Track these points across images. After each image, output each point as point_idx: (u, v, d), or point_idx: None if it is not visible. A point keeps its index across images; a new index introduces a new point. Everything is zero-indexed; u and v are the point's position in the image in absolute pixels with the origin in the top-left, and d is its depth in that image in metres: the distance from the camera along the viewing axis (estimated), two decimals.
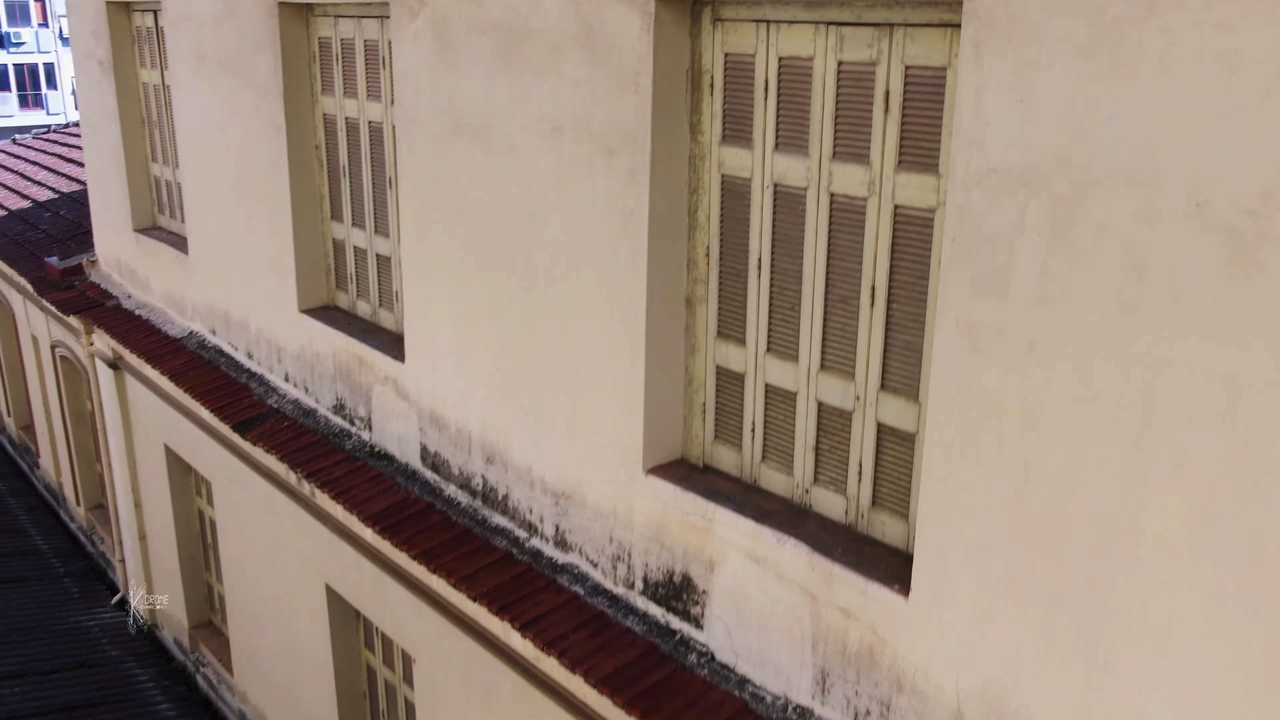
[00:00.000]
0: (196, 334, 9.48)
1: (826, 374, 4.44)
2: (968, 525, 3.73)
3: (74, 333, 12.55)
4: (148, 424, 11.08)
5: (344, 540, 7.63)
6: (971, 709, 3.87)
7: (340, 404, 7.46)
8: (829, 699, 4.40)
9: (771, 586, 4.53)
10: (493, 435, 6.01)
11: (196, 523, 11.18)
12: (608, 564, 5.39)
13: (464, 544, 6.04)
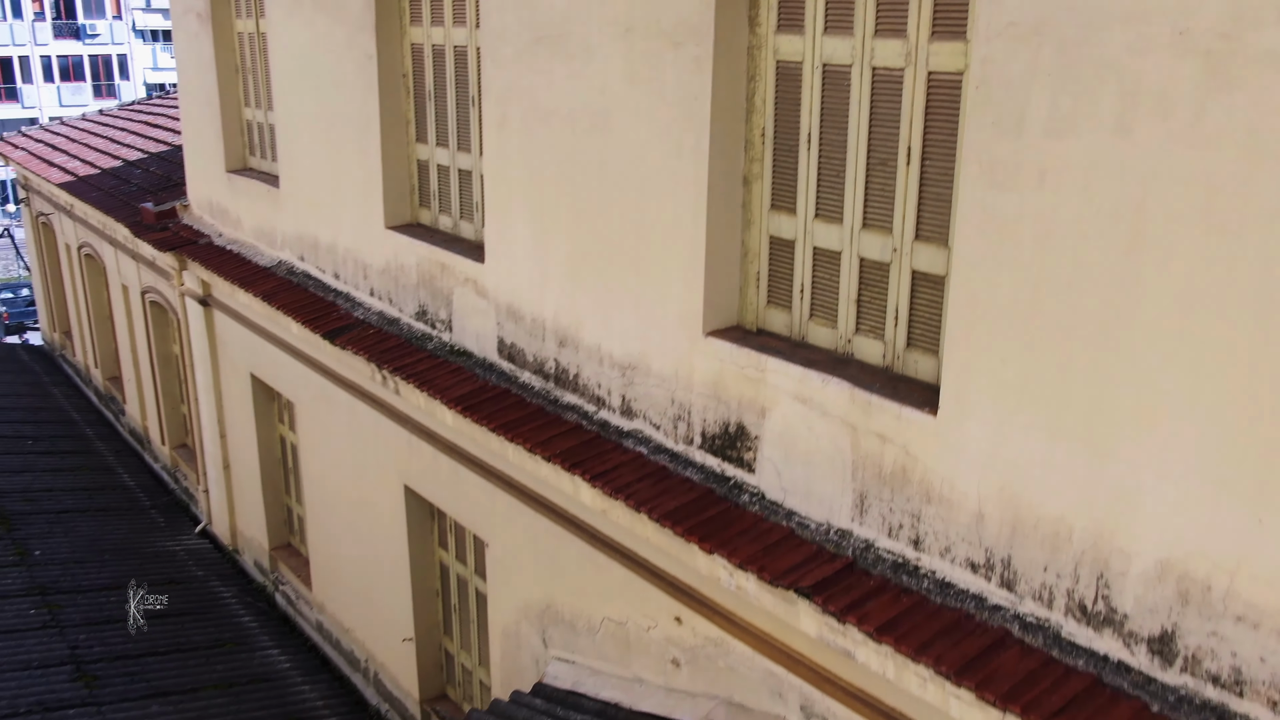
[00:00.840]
0: (285, 262, 10.23)
1: (867, 231, 5.02)
2: (987, 343, 4.30)
3: (164, 276, 13.41)
4: (234, 356, 11.89)
5: (423, 439, 8.32)
6: (991, 508, 4.43)
7: (422, 310, 8.15)
8: (866, 519, 4.98)
9: (816, 423, 5.11)
10: (565, 320, 6.65)
11: (278, 449, 11.96)
12: (669, 424, 6.00)
13: (538, 419, 6.68)
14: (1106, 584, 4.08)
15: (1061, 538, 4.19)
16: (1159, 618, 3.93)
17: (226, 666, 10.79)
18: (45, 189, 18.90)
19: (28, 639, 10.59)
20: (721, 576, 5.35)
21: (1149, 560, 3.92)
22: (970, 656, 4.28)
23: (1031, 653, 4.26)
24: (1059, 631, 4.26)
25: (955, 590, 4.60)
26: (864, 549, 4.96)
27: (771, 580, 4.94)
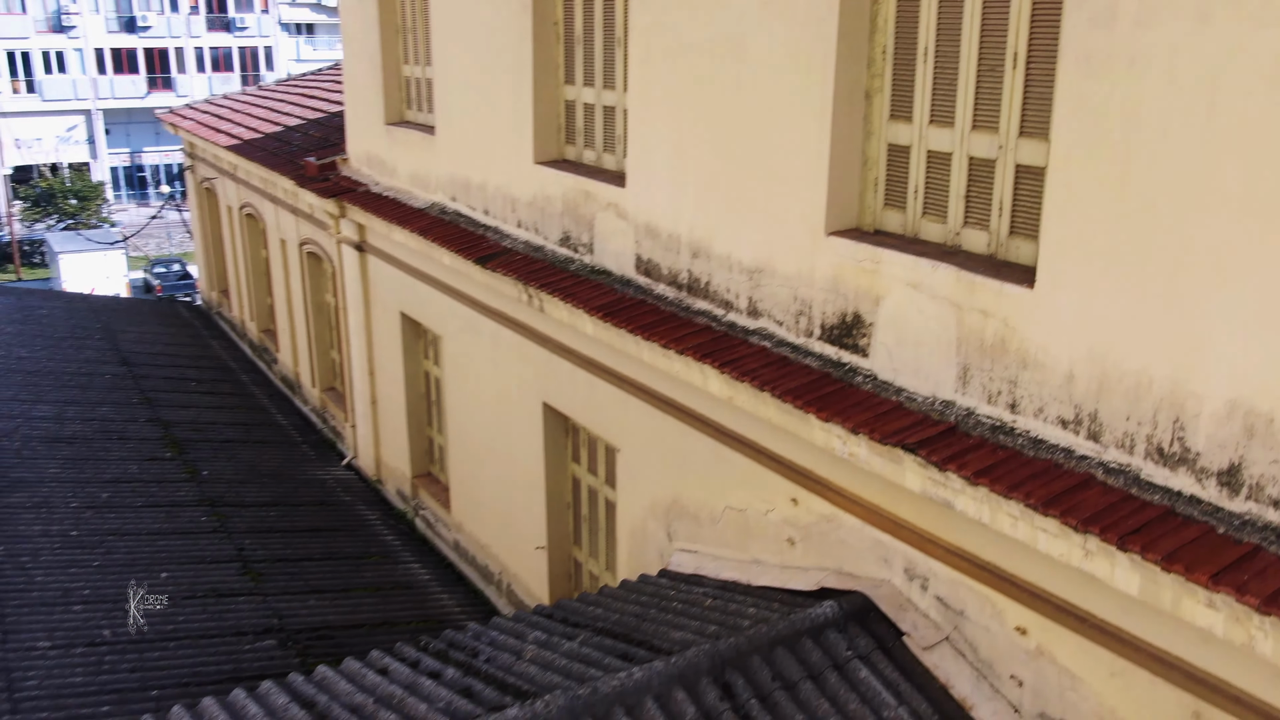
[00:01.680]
0: (438, 203, 11.19)
1: (976, 132, 5.61)
2: (1080, 219, 4.86)
3: (322, 227, 14.58)
4: (385, 297, 12.93)
5: (562, 356, 9.14)
6: (1080, 369, 4.99)
7: (566, 236, 8.96)
8: (968, 389, 5.57)
9: (926, 306, 5.72)
10: (699, 233, 7.37)
11: (423, 383, 12.97)
12: (791, 320, 6.67)
13: (671, 322, 7.41)
14: (1181, 426, 4.61)
15: (1142, 388, 4.73)
16: (1227, 453, 4.46)
17: (373, 574, 11.83)
18: (209, 155, 20.46)
19: (200, 539, 11.80)
20: (835, 445, 6.00)
21: (1219, 401, 4.45)
22: (1057, 493, 4.85)
23: (1112, 491, 4.81)
24: (1138, 474, 4.80)
25: (1046, 445, 5.17)
26: (965, 415, 5.56)
27: (880, 440, 5.57)
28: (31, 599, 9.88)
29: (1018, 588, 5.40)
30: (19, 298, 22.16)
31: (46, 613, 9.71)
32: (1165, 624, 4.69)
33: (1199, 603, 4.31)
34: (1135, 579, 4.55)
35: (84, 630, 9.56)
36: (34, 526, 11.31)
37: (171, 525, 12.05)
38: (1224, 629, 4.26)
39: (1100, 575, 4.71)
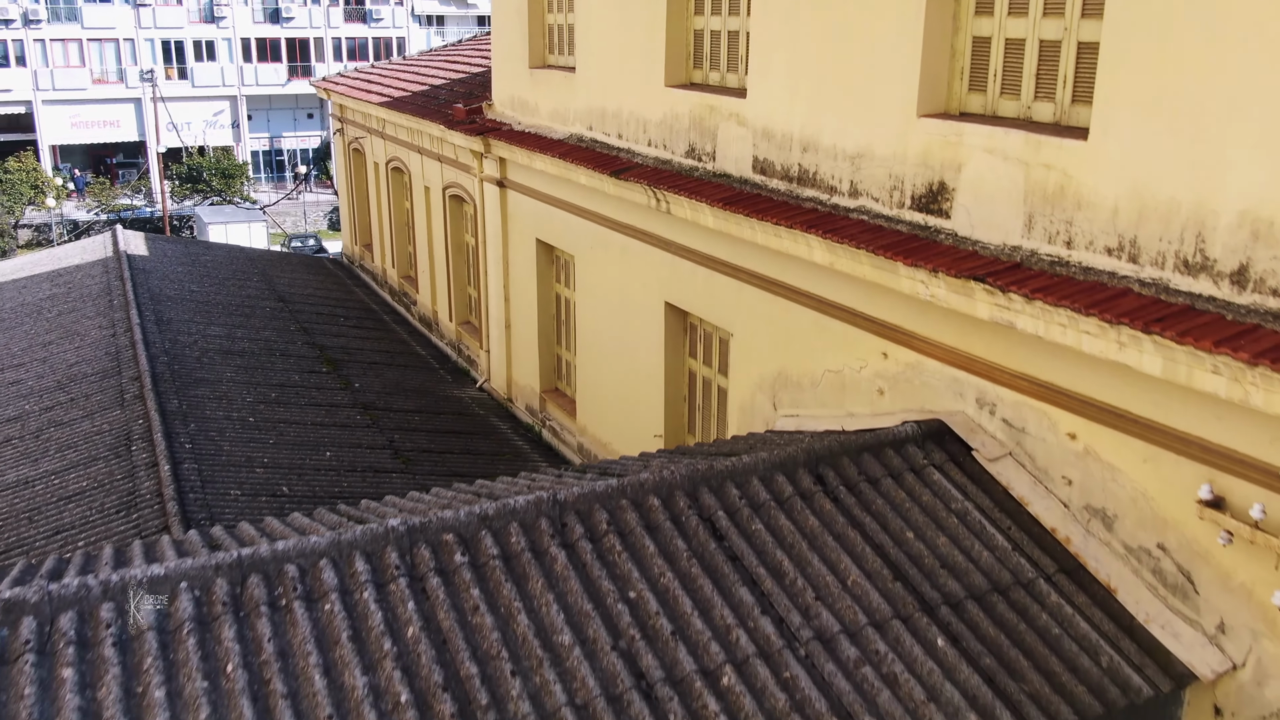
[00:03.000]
0: (575, 134, 12.54)
1: (1046, 18, 6.66)
2: (1126, 78, 5.89)
3: (465, 170, 16.10)
4: (523, 227, 14.35)
5: (683, 257, 10.36)
6: (1124, 204, 6.02)
7: (691, 148, 10.20)
8: (1032, 234, 6.62)
9: (999, 166, 6.79)
10: (809, 130, 8.52)
11: (554, 305, 14.35)
12: (885, 195, 7.78)
13: (782, 208, 8.58)
14: (1202, 239, 5.61)
15: (1173, 212, 5.75)
16: (1237, 256, 5.45)
17: (508, 468, 13.22)
18: (358, 117, 22.29)
19: (357, 431, 13.37)
20: (920, 290, 7.10)
21: (1232, 214, 5.45)
22: (1098, 300, 5.89)
23: (1144, 298, 5.84)
24: (1167, 284, 5.82)
25: (1094, 271, 6.21)
26: (1029, 255, 6.62)
27: (955, 275, 6.67)
28: (222, 461, 11.52)
29: (1069, 398, 6.44)
30: (185, 245, 24.38)
31: (235, 471, 11.33)
32: (1184, 404, 5.69)
33: (1206, 370, 5.32)
34: (1158, 360, 5.58)
35: (266, 485, 11.16)
36: (217, 413, 13.01)
37: (331, 420, 13.67)
38: (1226, 389, 5.27)
39: (1131, 363, 5.74)
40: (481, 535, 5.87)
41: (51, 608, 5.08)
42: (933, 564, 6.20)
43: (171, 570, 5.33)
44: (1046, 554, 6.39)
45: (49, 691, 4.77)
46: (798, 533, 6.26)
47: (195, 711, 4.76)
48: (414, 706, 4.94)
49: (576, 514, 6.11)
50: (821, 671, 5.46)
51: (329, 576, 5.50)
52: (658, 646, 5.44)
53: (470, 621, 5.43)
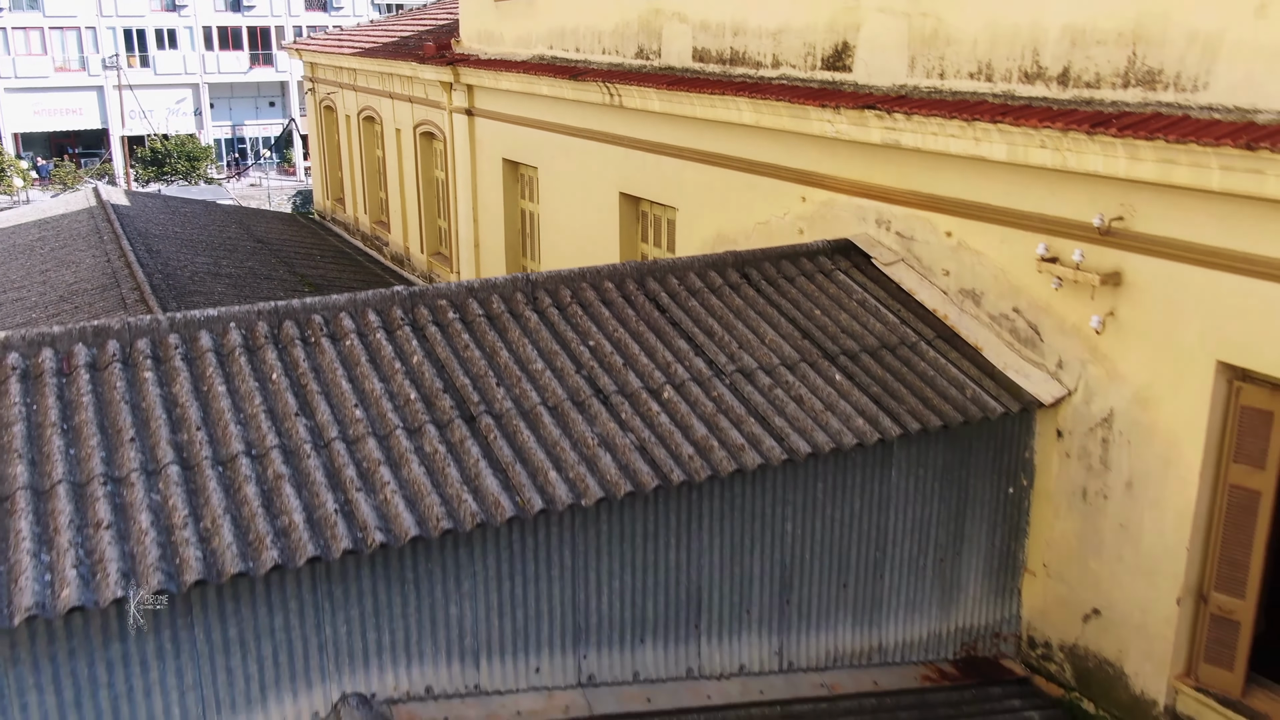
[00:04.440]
0: (538, 54, 13.94)
1: None
2: None
3: (436, 106, 17.43)
4: (489, 149, 15.72)
5: (633, 148, 11.79)
6: (981, 36, 7.51)
7: (640, 49, 11.63)
8: (914, 73, 8.10)
9: (888, 22, 8.27)
10: (739, 16, 9.97)
11: (519, 220, 15.73)
12: (800, 61, 9.25)
13: (718, 84, 10.02)
14: (1037, 53, 7.11)
15: (1016, 36, 7.24)
16: (1061, 61, 6.96)
17: None
18: (329, 75, 23.54)
19: None
20: (828, 128, 8.58)
21: (1058, 28, 6.95)
22: (960, 109, 7.38)
23: (996, 105, 7.33)
24: (1013, 93, 7.31)
25: (961, 93, 7.70)
26: (913, 89, 8.11)
27: (854, 107, 8.14)
28: None
29: (945, 203, 7.93)
30: (164, 199, 25.50)
31: None
32: (1025, 187, 7.20)
33: (1036, 145, 6.83)
34: (1004, 147, 7.08)
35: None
36: None
37: None
38: (1051, 159, 6.77)
39: (986, 154, 7.23)
40: (469, 301, 7.27)
41: (130, 334, 6.42)
42: (835, 330, 7.67)
43: (223, 313, 6.69)
44: (929, 327, 7.88)
45: (135, 387, 6.12)
46: (726, 308, 7.71)
47: (249, 398, 6.13)
48: (421, 401, 6.32)
49: (545, 290, 7.52)
50: (742, 392, 6.91)
51: (348, 323, 6.88)
52: (612, 373, 6.86)
53: (462, 355, 6.83)
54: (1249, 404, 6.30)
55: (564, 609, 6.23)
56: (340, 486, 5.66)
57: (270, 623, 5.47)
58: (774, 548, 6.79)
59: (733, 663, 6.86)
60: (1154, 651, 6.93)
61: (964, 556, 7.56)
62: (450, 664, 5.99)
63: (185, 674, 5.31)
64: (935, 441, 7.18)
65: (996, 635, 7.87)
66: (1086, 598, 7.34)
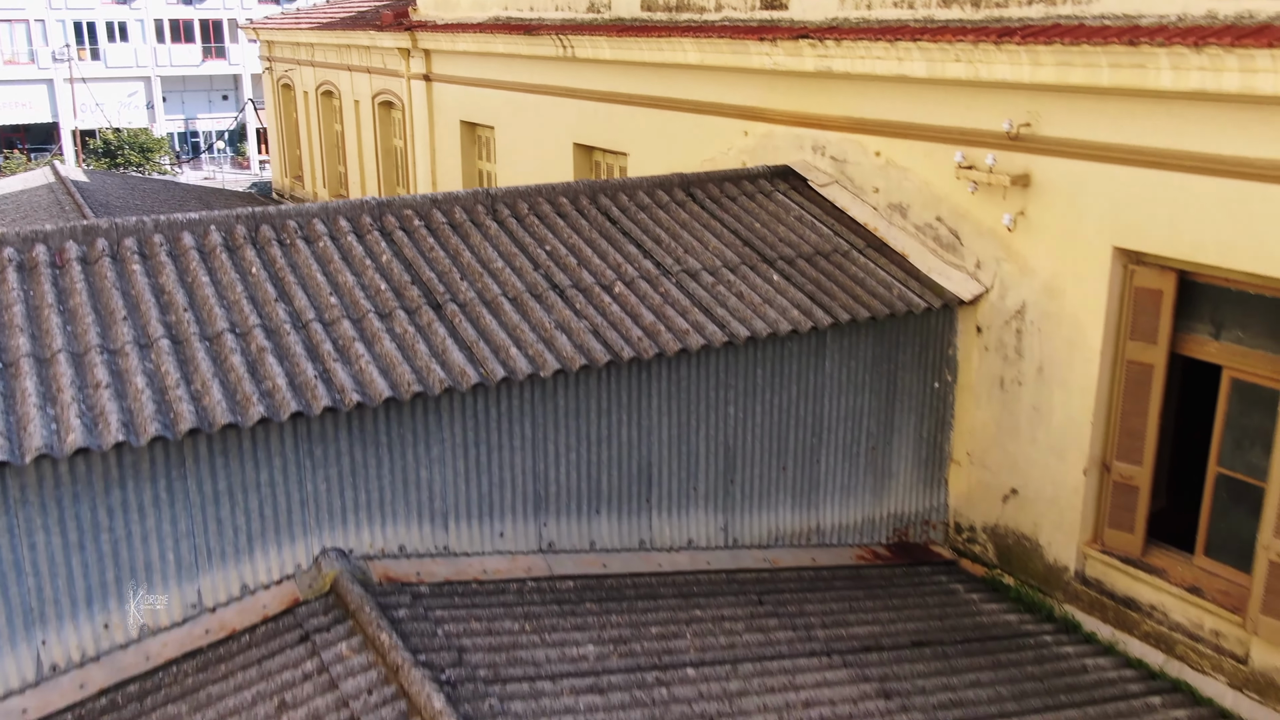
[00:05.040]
0: (493, 16, 14.47)
1: None
2: None
3: (394, 75, 17.88)
4: (447, 113, 16.21)
5: (586, 99, 12.36)
6: None
7: (591, 4, 12.21)
8: (844, 6, 8.74)
9: None
10: None
11: (477, 180, 16.24)
12: (741, 2, 9.87)
13: (664, 28, 10.62)
14: None
15: None
16: None
17: None
18: (287, 52, 23.88)
19: None
20: (766, 61, 9.20)
21: None
22: (885, 33, 8.02)
23: (917, 28, 7.98)
24: (933, 17, 7.97)
25: (886, 20, 8.35)
26: (843, 21, 8.75)
27: (789, 38, 8.77)
28: None
29: (874, 125, 8.58)
30: (122, 177, 25.72)
31: None
32: (943, 104, 7.86)
33: (951, 60, 7.49)
34: (924, 64, 7.74)
35: None
36: None
37: None
38: (964, 71, 7.43)
39: (909, 73, 7.89)
40: (433, 211, 7.81)
41: (117, 233, 6.90)
42: (773, 240, 8.29)
43: (203, 217, 7.18)
44: (860, 238, 8.52)
45: (124, 277, 6.61)
46: (673, 221, 8.31)
47: (231, 288, 6.64)
48: (390, 292, 6.86)
49: (504, 203, 8.08)
50: (687, 288, 7.51)
51: (320, 227, 7.40)
52: (568, 271, 7.44)
53: (428, 255, 7.37)
54: (1141, 285, 7.00)
55: (525, 478, 6.79)
56: (319, 358, 6.19)
57: (256, 477, 5.99)
58: (718, 430, 7.39)
59: (681, 537, 7.45)
60: (1064, 522, 7.61)
61: (894, 446, 8.21)
62: (421, 525, 6.53)
63: (179, 522, 5.82)
64: (865, 335, 7.82)
65: (926, 523, 8.53)
66: (1005, 480, 8.01)
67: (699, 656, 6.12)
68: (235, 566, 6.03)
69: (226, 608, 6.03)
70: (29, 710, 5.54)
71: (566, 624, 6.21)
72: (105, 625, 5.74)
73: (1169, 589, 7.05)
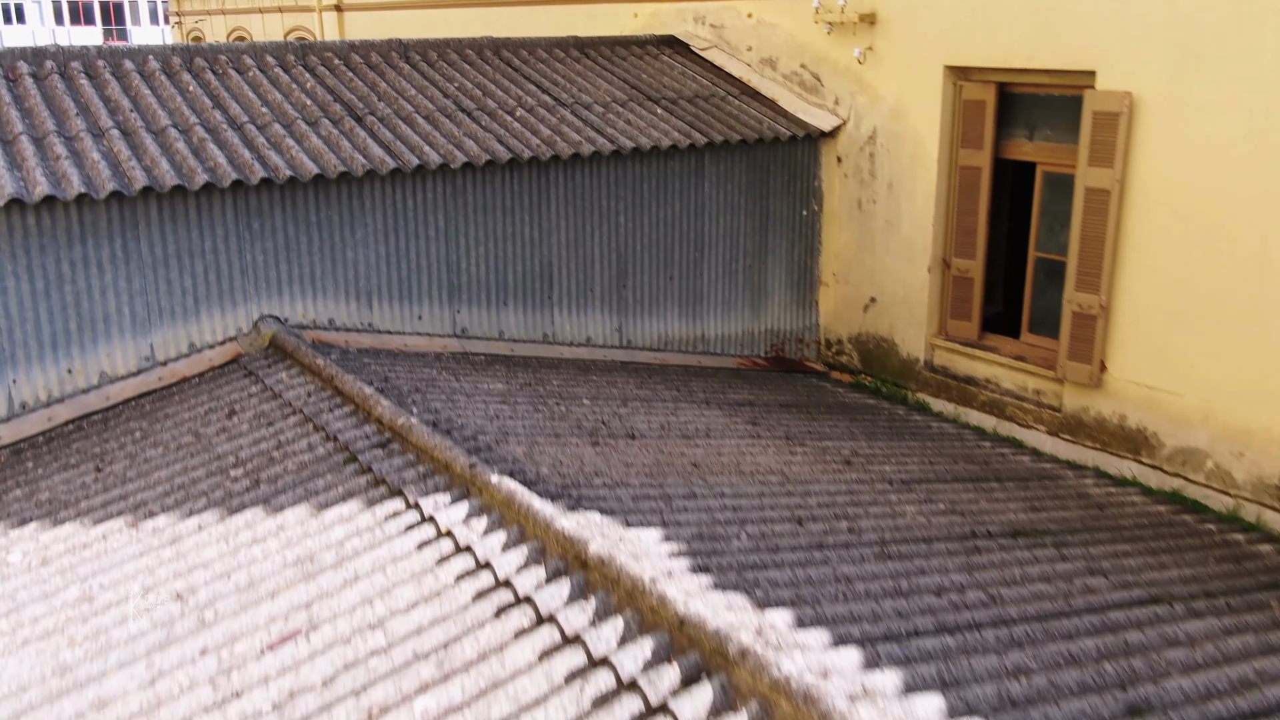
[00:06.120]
0: None
1: None
2: None
3: (305, 10, 18.55)
4: None
5: (492, 6, 13.24)
6: None
7: None
8: None
9: None
10: None
11: None
12: None
13: None
14: None
15: None
16: None
17: None
18: (196, 5, 24.29)
19: None
20: None
21: None
22: None
23: None
24: None
25: None
26: None
27: None
28: None
29: None
30: None
31: None
32: None
33: None
34: None
35: None
36: None
37: None
38: None
39: None
40: (351, 54, 8.68)
41: (64, 56, 7.65)
42: (658, 85, 9.32)
43: (141, 47, 7.96)
44: (735, 88, 9.59)
45: (74, 89, 7.37)
46: (568, 70, 9.29)
47: (171, 99, 7.45)
48: (316, 107, 7.72)
49: (415, 50, 8.98)
50: (581, 116, 8.49)
51: (249, 60, 8.22)
52: (474, 100, 8.37)
53: (349, 84, 8.24)
54: (969, 98, 8.18)
55: (440, 267, 7.71)
56: (254, 148, 7.04)
57: (202, 244, 6.82)
58: (611, 237, 8.39)
59: (581, 334, 8.44)
60: (915, 318, 8.77)
61: (769, 267, 9.29)
62: (348, 302, 7.41)
63: (134, 280, 6.62)
64: (739, 161, 8.89)
65: (800, 340, 9.64)
66: (865, 291, 9.15)
67: (593, 394, 7.11)
68: (184, 325, 6.85)
69: (176, 362, 6.85)
70: (4, 437, 6.31)
71: (479, 374, 7.15)
72: (69, 370, 6.53)
73: (1001, 361, 8.24)
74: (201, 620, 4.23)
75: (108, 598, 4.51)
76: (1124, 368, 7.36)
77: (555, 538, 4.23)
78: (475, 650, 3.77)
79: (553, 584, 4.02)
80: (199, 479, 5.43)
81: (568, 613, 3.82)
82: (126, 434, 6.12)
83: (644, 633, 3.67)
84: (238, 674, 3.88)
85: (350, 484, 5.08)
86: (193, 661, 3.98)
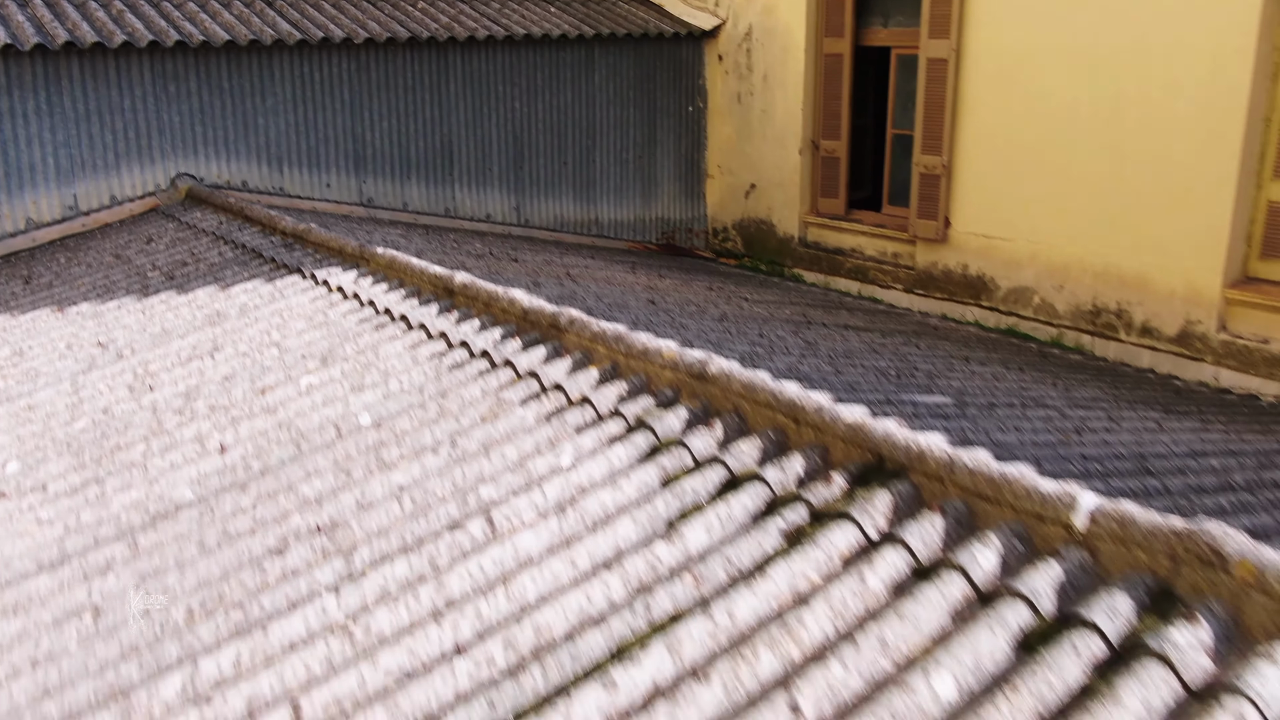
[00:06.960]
0: None
1: None
2: None
3: None
4: None
5: None
6: None
7: None
8: None
9: None
10: None
11: None
12: None
13: None
14: None
15: None
16: None
17: None
18: None
19: None
20: None
21: None
22: None
23: None
24: None
25: None
26: None
27: None
28: None
29: None
30: None
31: None
32: None
33: None
34: None
35: None
36: None
37: None
38: None
39: None
40: None
41: None
42: None
43: None
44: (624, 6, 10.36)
45: None
46: None
47: None
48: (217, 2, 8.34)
49: None
50: (477, 8, 9.20)
51: None
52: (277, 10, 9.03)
53: None
54: None
55: (346, 138, 8.37)
56: (171, 20, 7.65)
57: (122, 103, 7.41)
58: (508, 120, 9.11)
59: (481, 210, 9.14)
60: (789, 199, 9.60)
61: (658, 158, 10.07)
62: (261, 166, 8.05)
63: (58, 132, 7.21)
64: (627, 56, 9.65)
65: (689, 231, 10.43)
66: (746, 178, 9.97)
67: (487, 243, 7.83)
68: (106, 179, 7.45)
69: (99, 212, 7.44)
70: None
71: (383, 230, 7.83)
72: None
73: (865, 230, 9.09)
74: (119, 355, 4.89)
75: (36, 351, 5.14)
76: (965, 221, 8.25)
77: (429, 280, 4.95)
78: (354, 349, 4.48)
79: (425, 306, 4.74)
80: (118, 280, 6.06)
81: (435, 319, 4.54)
82: (52, 261, 6.72)
83: (495, 325, 4.41)
84: (151, 380, 4.55)
85: (256, 270, 5.76)
86: (112, 377, 4.64)
